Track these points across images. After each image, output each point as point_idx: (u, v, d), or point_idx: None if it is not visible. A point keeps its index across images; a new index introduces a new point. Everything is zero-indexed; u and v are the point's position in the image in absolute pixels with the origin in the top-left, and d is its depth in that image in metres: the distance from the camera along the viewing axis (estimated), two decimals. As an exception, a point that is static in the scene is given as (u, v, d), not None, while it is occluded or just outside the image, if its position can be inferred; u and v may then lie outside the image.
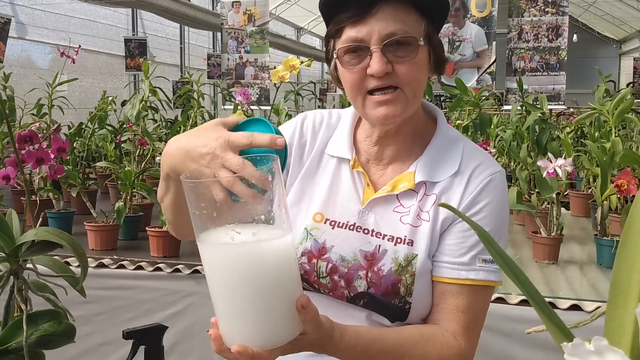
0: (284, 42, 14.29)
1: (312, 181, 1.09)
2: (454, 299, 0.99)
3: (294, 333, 0.79)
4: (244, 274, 0.74)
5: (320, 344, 0.85)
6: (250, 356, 0.76)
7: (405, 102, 0.98)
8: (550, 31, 5.54)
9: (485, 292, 1.02)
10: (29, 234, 0.62)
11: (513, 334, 1.80)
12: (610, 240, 2.19)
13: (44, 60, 8.81)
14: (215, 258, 0.76)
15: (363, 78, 0.98)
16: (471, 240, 1.00)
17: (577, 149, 3.55)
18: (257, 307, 0.75)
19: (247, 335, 0.76)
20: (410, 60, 0.97)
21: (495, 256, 0.49)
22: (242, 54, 6.22)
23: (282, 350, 0.80)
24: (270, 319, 0.77)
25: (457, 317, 0.99)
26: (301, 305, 0.78)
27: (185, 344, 2.10)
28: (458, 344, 0.97)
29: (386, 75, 0.96)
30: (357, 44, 0.97)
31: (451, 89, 3.18)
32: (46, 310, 0.63)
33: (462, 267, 1.00)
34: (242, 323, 0.77)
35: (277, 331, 0.78)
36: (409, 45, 0.96)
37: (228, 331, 0.78)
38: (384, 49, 0.96)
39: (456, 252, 1.00)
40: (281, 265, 0.77)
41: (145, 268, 2.17)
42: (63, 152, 0.83)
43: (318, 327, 0.82)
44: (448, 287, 1.00)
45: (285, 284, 0.77)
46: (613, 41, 19.76)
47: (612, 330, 0.42)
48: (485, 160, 1.05)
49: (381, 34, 0.95)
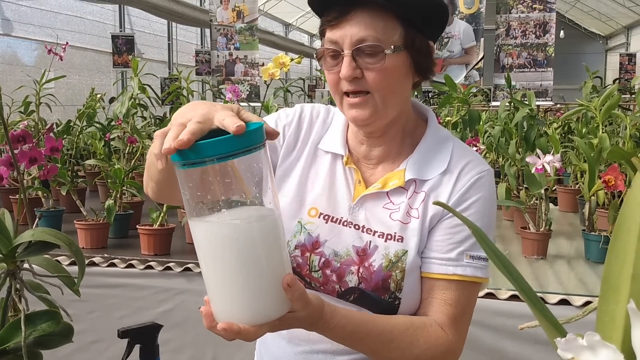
0: (273, 39, 14.26)
1: (308, 175, 1.10)
2: (442, 293, 1.01)
3: (282, 310, 0.81)
4: (231, 252, 0.76)
5: (309, 321, 0.86)
6: (235, 332, 0.77)
7: (375, 107, 1.00)
8: (537, 28, 5.58)
9: (473, 288, 1.03)
10: (25, 235, 0.62)
11: (503, 329, 1.82)
12: (598, 235, 2.21)
13: (30, 57, 8.73)
14: (205, 236, 0.78)
15: (339, 80, 1.00)
16: (459, 236, 1.01)
17: (564, 144, 3.58)
18: (244, 284, 0.77)
19: (235, 311, 0.78)
20: (378, 67, 0.98)
21: (489, 252, 0.50)
22: (231, 51, 6.21)
23: (271, 327, 0.81)
24: (257, 296, 0.78)
25: (445, 309, 1.00)
26: (287, 283, 0.79)
27: (178, 342, 2.10)
28: (446, 336, 0.99)
29: (356, 80, 0.98)
30: (332, 47, 0.99)
31: (440, 85, 3.19)
32: (44, 310, 0.63)
33: (450, 262, 1.01)
34: (230, 300, 0.79)
35: (264, 308, 0.79)
36: (377, 53, 0.97)
37: (217, 308, 0.80)
38: (354, 54, 0.97)
39: (444, 248, 1.02)
40: (268, 244, 0.79)
41: (136, 266, 2.16)
42: (56, 151, 0.83)
43: (306, 305, 0.83)
44: (436, 282, 1.01)
45: (272, 262, 0.79)
46: (599, 37, 19.92)
47: (603, 325, 0.43)
48: (474, 159, 1.07)
49: (352, 39, 0.97)
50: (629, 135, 2.52)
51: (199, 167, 0.74)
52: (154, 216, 2.33)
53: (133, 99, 2.90)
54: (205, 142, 0.72)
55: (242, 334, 0.78)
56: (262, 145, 0.77)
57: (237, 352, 2.06)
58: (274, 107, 3.10)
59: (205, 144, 0.72)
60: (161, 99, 3.55)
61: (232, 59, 6.19)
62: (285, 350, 1.09)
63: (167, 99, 3.40)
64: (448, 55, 5.87)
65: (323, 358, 1.06)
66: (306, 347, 1.07)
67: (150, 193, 1.04)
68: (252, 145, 0.75)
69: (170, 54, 12.33)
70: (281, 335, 1.10)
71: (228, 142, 0.72)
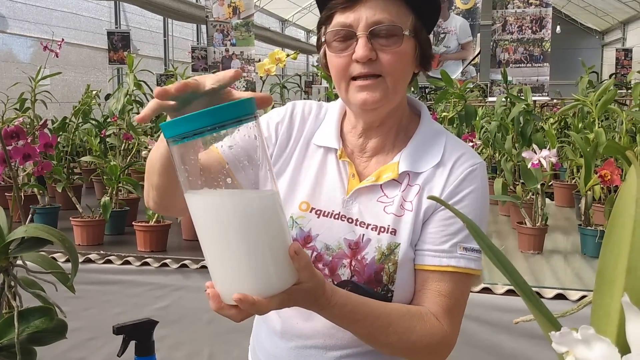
0: (269, 35, 14.23)
1: (299, 170, 1.10)
2: (436, 284, 1.01)
3: (290, 280, 0.81)
4: (235, 225, 0.76)
5: (313, 295, 0.86)
6: (250, 303, 0.77)
7: (386, 90, 1.00)
8: (534, 23, 5.57)
9: (466, 280, 1.03)
10: (18, 231, 0.62)
11: (499, 323, 1.82)
12: (594, 230, 2.21)
13: (25, 53, 8.70)
14: (208, 212, 0.78)
15: (348, 64, 1.00)
16: (452, 228, 1.02)
17: (560, 139, 3.58)
18: (253, 255, 0.77)
19: (244, 285, 0.78)
20: (394, 49, 0.99)
21: (483, 246, 0.50)
22: (228, 47, 6.20)
23: (279, 302, 0.81)
24: (264, 266, 0.78)
25: (439, 300, 1.01)
26: (294, 251, 0.80)
27: (174, 338, 2.10)
28: (441, 326, 0.99)
29: (369, 62, 0.99)
30: (345, 29, 0.99)
31: (437, 81, 3.19)
32: (37, 307, 0.63)
33: (444, 254, 1.01)
34: (238, 274, 0.78)
35: (273, 279, 0.79)
36: (393, 35, 0.99)
37: (225, 287, 0.79)
38: (370, 35, 0.98)
39: (437, 240, 1.02)
40: (274, 214, 0.80)
41: (133, 263, 2.16)
42: (50, 147, 0.82)
43: (312, 275, 0.83)
44: (430, 274, 1.02)
45: (276, 233, 0.80)
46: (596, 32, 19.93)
47: (598, 319, 0.43)
48: (467, 152, 1.07)
49: (368, 21, 0.98)
50: (625, 130, 2.53)
51: (193, 140, 0.75)
52: (150, 213, 2.32)
53: (129, 96, 2.89)
54: (196, 113, 0.73)
55: (256, 305, 0.77)
56: (254, 117, 0.77)
57: (234, 349, 2.06)
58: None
59: (196, 114, 0.73)
60: (157, 95, 3.53)
61: (229, 55, 6.17)
62: (279, 346, 1.09)
63: (163, 95, 3.39)
64: (444, 51, 5.87)
65: (315, 353, 1.06)
66: (299, 343, 1.07)
67: (152, 204, 1.04)
68: (244, 115, 0.75)
69: (166, 50, 12.29)
70: (274, 331, 1.10)
71: (219, 112, 0.73)
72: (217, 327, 2.09)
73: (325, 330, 1.04)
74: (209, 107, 0.73)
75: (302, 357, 1.07)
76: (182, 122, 0.74)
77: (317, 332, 1.05)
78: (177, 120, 0.74)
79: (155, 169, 0.98)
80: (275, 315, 1.10)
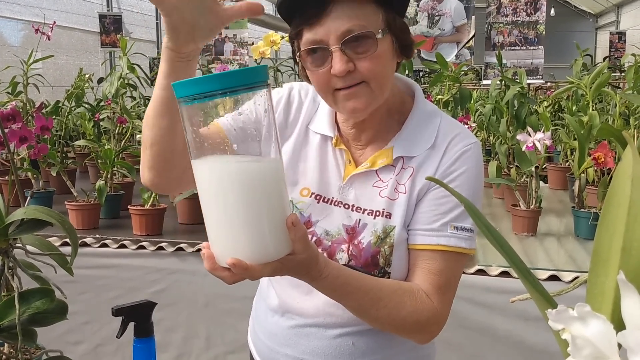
0: (262, 17, 14.11)
1: (299, 156, 1.10)
2: (427, 263, 1.02)
3: (284, 250, 0.82)
4: (236, 189, 0.77)
5: (307, 266, 0.87)
6: (243, 268, 0.77)
7: (371, 95, 0.99)
8: (528, 5, 5.56)
9: (457, 259, 1.03)
10: (18, 213, 0.62)
11: (494, 305, 1.84)
12: (588, 212, 2.23)
13: (16, 37, 8.60)
14: (211, 175, 0.79)
15: (329, 78, 0.98)
16: (444, 207, 1.02)
17: (554, 122, 3.59)
18: (251, 221, 0.78)
19: (240, 250, 0.78)
20: (370, 55, 0.96)
21: (481, 226, 0.50)
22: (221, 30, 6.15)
23: (272, 270, 0.81)
24: (260, 234, 0.79)
25: (429, 278, 1.01)
26: (291, 222, 0.80)
27: (171, 321, 2.11)
28: (431, 303, 1.00)
29: (349, 74, 0.97)
30: (316, 45, 0.97)
31: (431, 64, 3.18)
32: (38, 288, 0.63)
33: (434, 233, 1.02)
34: (235, 238, 0.79)
35: (268, 247, 0.80)
36: (367, 40, 0.96)
37: (220, 249, 0.80)
38: (343, 47, 0.95)
39: (429, 219, 1.02)
40: (275, 183, 0.81)
41: (129, 246, 2.16)
42: (46, 130, 0.82)
43: (307, 247, 0.84)
44: (421, 252, 1.03)
45: (276, 201, 0.80)
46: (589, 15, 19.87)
47: (593, 297, 0.44)
48: (462, 132, 1.07)
49: (338, 32, 0.95)
50: (618, 113, 2.53)
51: (203, 102, 0.75)
52: (145, 196, 2.32)
53: (122, 79, 2.87)
54: (209, 75, 0.73)
55: (249, 271, 0.78)
56: (266, 85, 0.78)
57: (230, 331, 2.08)
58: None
59: (209, 77, 0.73)
60: (150, 78, 3.52)
61: (221, 38, 6.13)
62: (279, 325, 1.11)
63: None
64: (439, 34, 5.85)
65: (316, 332, 1.07)
66: (299, 321, 1.08)
67: (147, 174, 0.99)
68: (256, 82, 0.76)
69: (158, 34, 12.18)
70: (274, 310, 1.12)
71: (231, 76, 0.73)
72: (214, 310, 2.10)
73: (326, 308, 1.05)
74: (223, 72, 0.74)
75: (302, 335, 1.08)
76: (193, 83, 0.74)
77: (317, 311, 1.06)
78: (189, 81, 0.75)
79: (154, 113, 0.94)
80: (275, 293, 1.11)
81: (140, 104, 3.73)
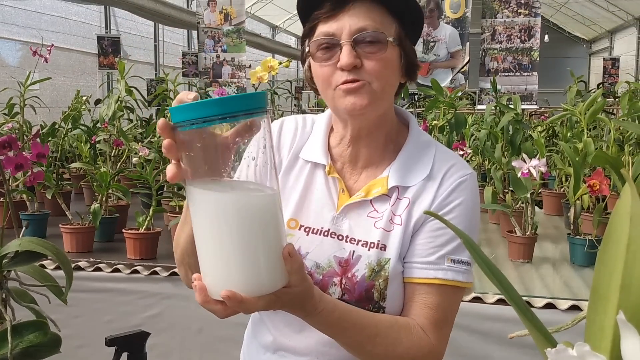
0: (260, 41, 14.25)
1: (286, 186, 1.08)
2: (423, 297, 1.00)
3: (279, 283, 0.80)
4: (231, 221, 0.75)
5: (301, 300, 0.85)
6: (238, 301, 0.75)
7: (373, 95, 0.99)
8: (522, 32, 5.62)
9: (454, 292, 1.02)
10: (12, 244, 0.61)
11: (490, 333, 1.83)
12: (583, 239, 2.23)
13: (14, 57, 8.64)
14: (207, 205, 0.77)
15: (333, 72, 0.99)
16: (440, 239, 1.01)
17: (549, 148, 3.61)
18: (244, 254, 0.76)
19: (234, 281, 0.76)
20: (378, 56, 0.98)
21: (478, 260, 0.50)
22: (219, 53, 6.19)
23: (266, 303, 0.79)
24: (256, 266, 0.77)
25: (426, 313, 0.99)
26: (288, 253, 0.78)
27: (164, 347, 2.09)
28: (428, 338, 0.98)
29: (354, 70, 0.98)
30: (328, 38, 0.99)
31: (427, 89, 3.20)
32: (31, 321, 0.62)
33: (431, 266, 1.00)
34: (229, 270, 0.77)
35: (263, 279, 0.78)
36: (378, 41, 0.98)
37: (213, 281, 0.78)
38: (354, 43, 0.97)
39: (425, 252, 1.01)
40: (271, 214, 0.79)
41: (122, 271, 2.15)
42: (42, 157, 0.82)
43: (303, 279, 0.82)
44: (417, 286, 1.01)
45: (272, 233, 0.78)
46: (583, 41, 20.13)
47: (592, 335, 0.44)
48: (457, 162, 1.07)
49: (352, 28, 0.98)
50: (612, 140, 2.55)
51: (201, 128, 0.74)
52: (140, 220, 2.31)
53: (119, 102, 2.87)
54: (207, 100, 0.72)
55: (244, 304, 0.76)
56: (265, 112, 0.77)
57: (223, 358, 2.05)
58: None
59: (207, 102, 0.72)
60: (147, 101, 3.53)
61: (220, 61, 6.17)
62: None
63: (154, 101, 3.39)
64: (434, 59, 5.90)
65: None
66: (292, 359, 1.05)
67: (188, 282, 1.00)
68: (255, 108, 0.75)
69: (156, 56, 12.26)
70: (267, 347, 1.08)
71: (231, 101, 0.72)
72: (207, 336, 2.08)
73: (319, 347, 1.02)
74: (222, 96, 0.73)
75: None
76: (192, 108, 0.72)
77: (309, 349, 1.03)
78: (187, 105, 0.73)
79: (188, 251, 0.95)
80: (267, 330, 1.08)
81: (137, 126, 3.73)
